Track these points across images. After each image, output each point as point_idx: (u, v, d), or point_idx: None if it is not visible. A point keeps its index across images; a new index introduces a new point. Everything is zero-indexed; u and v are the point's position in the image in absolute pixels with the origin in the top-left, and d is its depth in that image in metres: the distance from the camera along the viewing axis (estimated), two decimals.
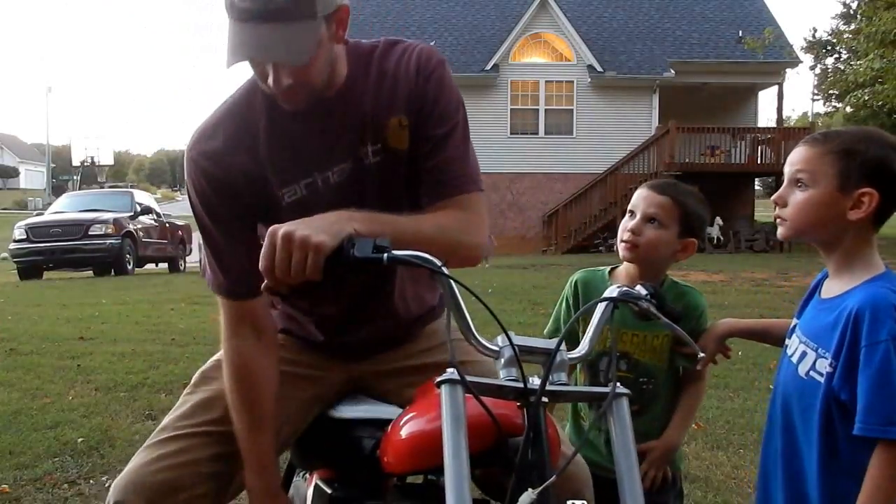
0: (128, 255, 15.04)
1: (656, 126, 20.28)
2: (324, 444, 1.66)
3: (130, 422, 4.21)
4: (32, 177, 69.41)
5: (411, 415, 1.36)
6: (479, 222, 1.52)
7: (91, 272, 15.50)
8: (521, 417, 1.17)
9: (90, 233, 14.67)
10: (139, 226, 15.89)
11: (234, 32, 1.33)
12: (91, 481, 3.29)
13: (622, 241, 1.85)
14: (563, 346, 1.21)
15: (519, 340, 1.21)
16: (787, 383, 1.53)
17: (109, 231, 14.76)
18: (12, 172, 68.35)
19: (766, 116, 31.43)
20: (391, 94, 1.52)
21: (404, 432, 1.34)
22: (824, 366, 1.42)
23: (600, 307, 1.33)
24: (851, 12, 27.10)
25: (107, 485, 3.23)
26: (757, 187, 25.27)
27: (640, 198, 1.86)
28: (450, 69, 1.61)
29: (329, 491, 1.58)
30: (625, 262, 1.91)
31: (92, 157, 40.44)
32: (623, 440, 1.20)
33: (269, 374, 1.55)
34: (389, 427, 1.39)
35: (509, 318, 7.34)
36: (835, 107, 31.46)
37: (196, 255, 17.22)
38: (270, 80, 1.38)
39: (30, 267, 14.82)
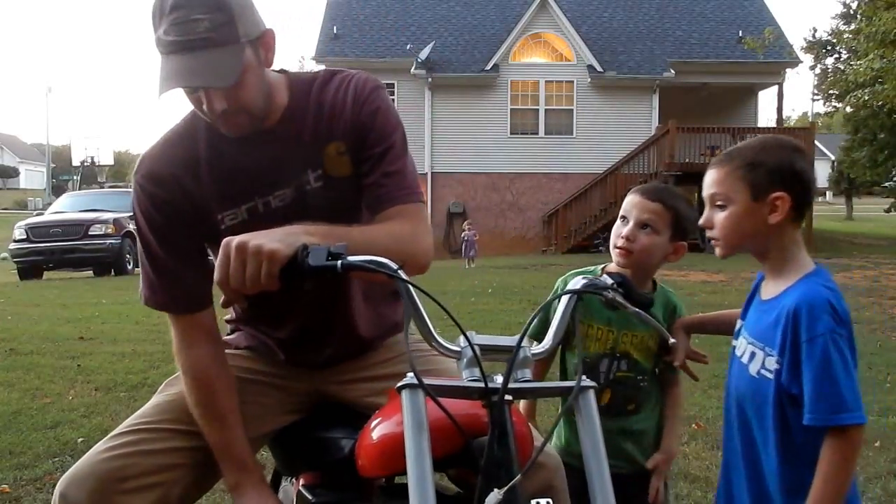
0: (128, 255, 15.02)
1: (656, 126, 20.27)
2: (303, 448, 1.66)
3: None
4: (32, 177, 69.37)
5: (381, 418, 1.36)
6: (423, 231, 1.56)
7: (91, 272, 15.49)
8: (479, 418, 1.17)
9: (90, 233, 14.66)
10: None
11: (163, 65, 1.38)
12: None
13: (616, 247, 1.90)
14: (526, 343, 1.20)
15: (480, 340, 1.20)
16: (739, 383, 1.60)
17: (109, 231, 14.75)
18: (12, 172, 68.30)
19: (766, 116, 31.48)
20: (329, 123, 1.57)
21: (375, 436, 1.33)
22: (772, 363, 1.50)
23: (564, 300, 1.32)
24: (851, 12, 27.06)
25: None
26: None
27: (632, 204, 1.91)
28: (385, 93, 1.64)
29: (311, 497, 1.57)
30: (613, 255, 1.96)
31: (92, 157, 40.41)
32: (591, 432, 1.20)
33: (227, 376, 1.60)
34: (362, 431, 1.39)
35: (509, 318, 7.36)
36: (835, 107, 31.42)
37: None
38: (205, 107, 1.44)
39: (30, 267, 14.82)
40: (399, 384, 1.15)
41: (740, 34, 21.21)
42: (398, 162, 1.58)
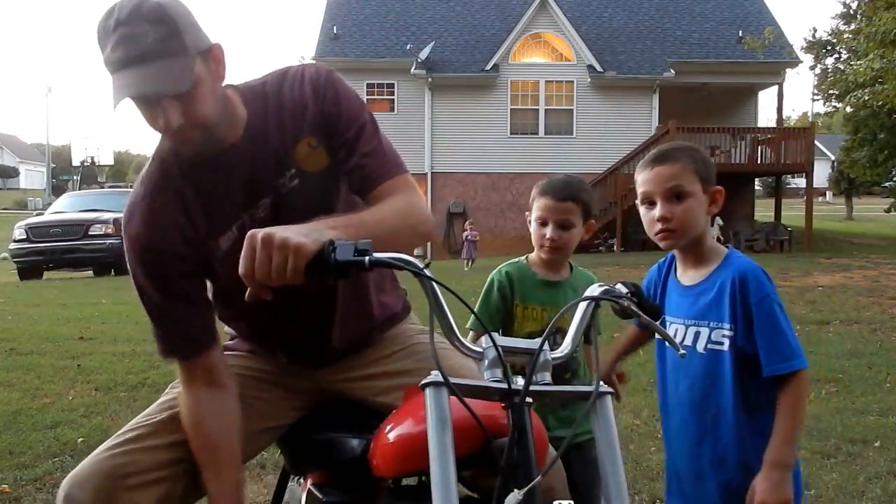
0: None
1: (656, 126, 20.27)
2: (313, 448, 1.66)
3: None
4: (32, 177, 69.34)
5: (397, 418, 1.36)
6: (418, 199, 1.57)
7: (91, 272, 15.49)
8: (507, 418, 1.18)
9: (90, 233, 14.66)
10: None
11: (115, 82, 1.37)
12: None
13: (545, 247, 2.10)
14: (546, 346, 1.22)
15: (503, 341, 1.22)
16: (689, 365, 1.70)
17: (109, 231, 14.74)
18: (12, 172, 68.27)
19: (766, 116, 31.45)
20: (293, 121, 1.57)
21: (392, 436, 1.33)
22: (721, 334, 1.65)
23: (581, 306, 1.35)
24: (851, 12, 27.05)
25: None
26: (757, 187, 25.26)
27: (547, 209, 2.09)
28: (340, 77, 1.63)
29: (321, 496, 1.57)
30: (536, 252, 2.14)
31: (92, 157, 40.39)
32: (607, 437, 1.22)
33: (226, 421, 1.58)
34: (377, 431, 1.39)
35: None
36: (835, 107, 31.40)
37: None
38: (161, 123, 1.40)
39: (30, 267, 14.82)
40: (423, 381, 1.16)
41: (740, 34, 21.21)
42: (373, 140, 1.57)
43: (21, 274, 14.94)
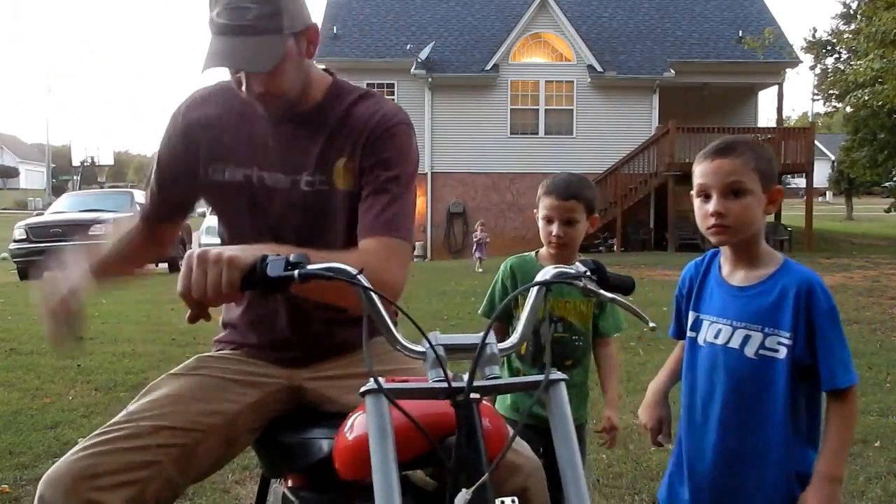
0: None
1: (656, 126, 20.27)
2: (285, 450, 1.64)
3: None
4: (32, 177, 69.30)
5: (354, 420, 1.34)
6: (396, 264, 1.56)
7: None
8: (447, 418, 1.16)
9: (90, 233, 14.64)
10: None
11: (211, 44, 1.50)
12: None
13: (552, 244, 2.21)
14: (492, 339, 1.18)
15: (445, 339, 1.18)
16: (735, 366, 1.64)
17: (109, 231, 14.74)
18: (12, 172, 68.24)
19: (766, 116, 31.44)
20: (348, 135, 1.63)
21: (350, 437, 1.31)
22: (777, 341, 1.59)
23: (533, 291, 1.31)
24: (851, 12, 27.06)
25: None
26: None
27: (552, 208, 2.21)
28: (412, 131, 1.68)
29: (295, 500, 1.55)
30: (545, 247, 2.25)
31: (92, 157, 40.45)
32: (562, 426, 1.18)
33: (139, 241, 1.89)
34: (337, 433, 1.37)
35: None
36: (835, 107, 31.41)
37: None
38: (244, 88, 1.54)
39: (30, 267, 14.81)
40: (362, 389, 1.14)
41: (740, 34, 21.21)
42: (403, 196, 1.60)
43: (21, 274, 14.94)
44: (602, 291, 1.34)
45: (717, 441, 1.67)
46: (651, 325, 1.36)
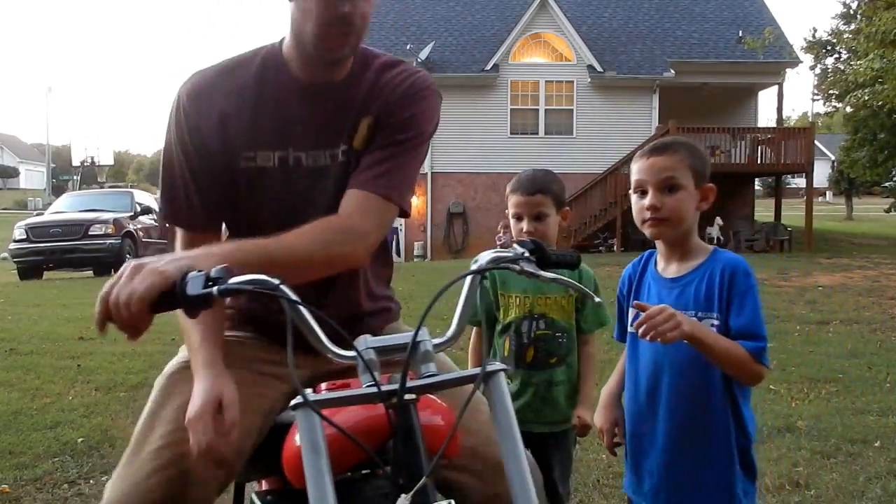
0: (128, 255, 15.02)
1: (656, 126, 20.26)
2: (255, 452, 1.58)
3: (130, 422, 4.20)
4: (32, 177, 69.29)
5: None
6: (367, 229, 1.53)
7: (91, 272, 15.49)
8: (382, 423, 1.14)
9: (90, 233, 14.66)
10: (139, 226, 15.90)
11: None
12: (91, 481, 3.29)
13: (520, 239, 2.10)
14: (425, 336, 1.16)
15: (374, 342, 1.15)
16: (676, 354, 1.72)
17: (109, 231, 14.76)
18: (12, 172, 68.22)
19: (766, 116, 31.44)
20: (375, 101, 1.60)
21: (297, 444, 1.23)
22: (710, 323, 1.69)
23: (466, 281, 1.27)
24: (851, 12, 27.05)
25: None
26: (757, 187, 25.26)
27: (519, 204, 2.23)
28: (438, 101, 1.67)
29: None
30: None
31: (92, 157, 40.44)
32: (503, 418, 1.15)
33: None
34: (286, 437, 1.30)
35: None
36: (835, 107, 31.40)
37: None
38: (346, 7, 1.45)
39: (30, 267, 14.82)
40: (291, 402, 1.10)
41: (740, 34, 21.20)
42: (401, 155, 1.58)
43: (21, 274, 14.94)
44: (542, 272, 1.31)
45: (665, 426, 1.76)
46: (597, 300, 1.37)
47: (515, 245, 1.33)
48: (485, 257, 1.32)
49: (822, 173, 41.92)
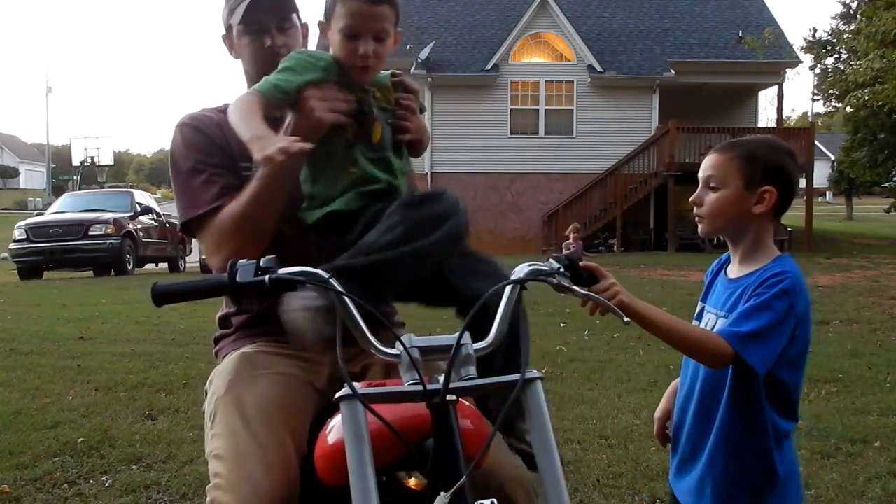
0: (128, 255, 15.03)
1: (656, 126, 20.28)
2: None
3: (130, 422, 4.20)
4: (32, 177, 69.25)
5: (335, 422, 1.30)
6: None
7: (91, 272, 15.50)
8: (423, 421, 1.15)
9: (90, 233, 14.66)
10: (139, 226, 15.90)
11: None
12: (91, 481, 3.29)
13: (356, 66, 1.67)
14: (467, 340, 1.17)
15: (419, 342, 1.17)
16: None
17: (109, 231, 14.76)
18: (12, 172, 68.21)
19: (766, 116, 31.41)
20: None
21: (331, 441, 1.29)
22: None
23: (507, 290, 1.28)
24: (851, 12, 27.07)
25: (107, 485, 3.24)
26: None
27: (359, 13, 1.69)
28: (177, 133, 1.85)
29: None
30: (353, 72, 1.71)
31: (92, 157, 40.40)
32: (539, 424, 1.16)
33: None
34: (318, 436, 1.34)
35: None
36: (835, 107, 31.45)
37: (196, 256, 17.22)
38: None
39: (30, 267, 14.82)
40: (336, 395, 1.13)
41: (740, 34, 21.21)
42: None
43: (21, 274, 14.94)
44: (576, 288, 1.35)
45: (691, 418, 1.76)
46: (625, 320, 1.37)
47: (551, 260, 1.37)
48: (523, 269, 1.33)
49: (822, 173, 41.89)
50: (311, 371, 1.70)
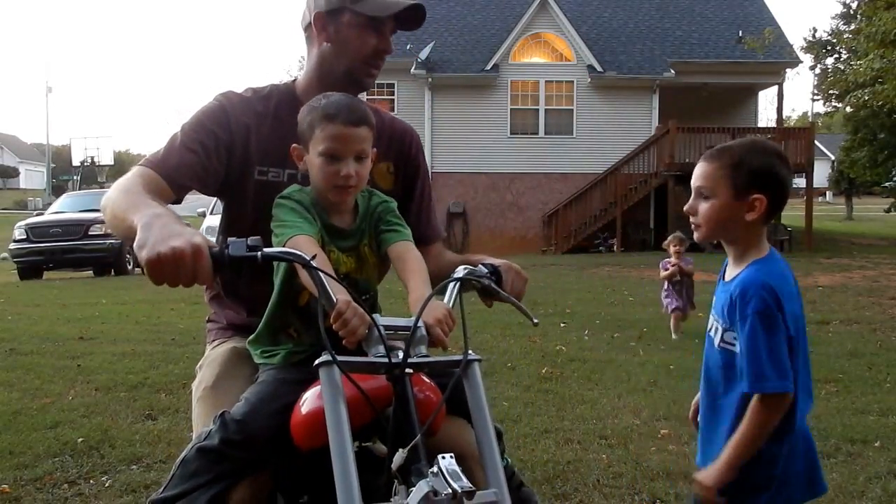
0: (128, 255, 15.03)
1: (656, 126, 20.27)
2: None
3: (130, 422, 4.20)
4: (32, 177, 69.22)
5: (308, 394, 1.47)
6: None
7: (91, 272, 15.50)
8: (386, 391, 1.37)
9: (90, 233, 14.67)
10: None
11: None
12: (91, 481, 3.29)
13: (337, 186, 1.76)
14: (420, 324, 1.38)
15: (384, 321, 1.37)
16: (709, 353, 1.80)
17: (109, 231, 14.75)
18: (12, 172, 68.18)
19: (766, 116, 31.39)
20: (388, 144, 1.91)
21: (305, 410, 1.46)
22: (733, 336, 1.69)
23: (450, 286, 1.55)
24: (851, 12, 27.07)
25: (107, 485, 3.24)
26: None
27: (339, 137, 1.65)
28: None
29: None
30: (329, 192, 1.75)
31: (92, 157, 40.42)
32: (477, 400, 1.38)
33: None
34: (293, 407, 1.49)
35: (509, 318, 7.35)
36: (835, 107, 31.43)
37: None
38: (384, 45, 1.83)
39: (30, 267, 14.82)
40: (316, 362, 1.31)
41: (740, 34, 21.21)
42: (431, 201, 2.03)
43: (21, 274, 14.94)
44: (501, 292, 1.63)
45: (701, 419, 1.85)
46: (535, 321, 1.58)
47: (481, 265, 1.68)
48: (461, 271, 1.60)
49: (822, 173, 41.86)
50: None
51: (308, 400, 1.46)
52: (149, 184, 1.66)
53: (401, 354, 1.34)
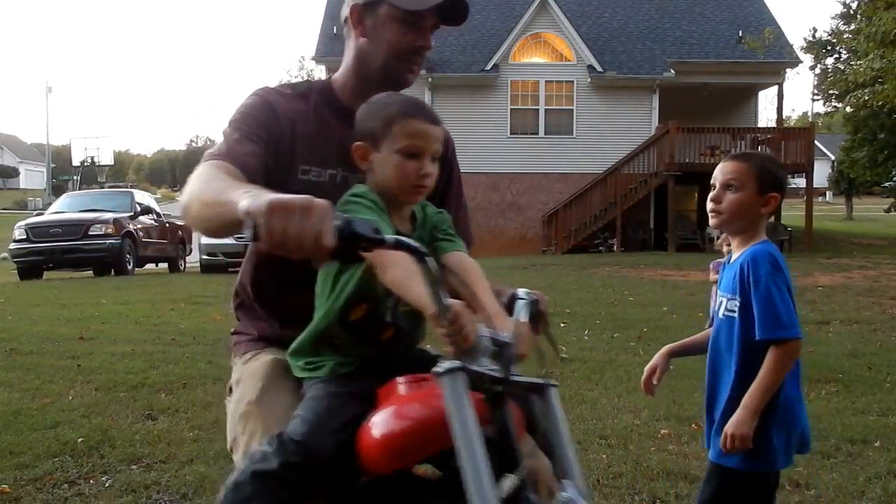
0: (128, 255, 15.03)
1: (656, 126, 20.28)
2: None
3: (130, 422, 4.20)
4: (32, 177, 69.23)
5: (376, 415, 1.38)
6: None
7: (91, 272, 15.49)
8: (483, 410, 1.25)
9: (90, 233, 14.66)
10: (139, 226, 15.89)
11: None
12: (91, 481, 3.29)
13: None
14: (514, 340, 1.31)
15: (487, 332, 1.28)
16: (716, 328, 2.08)
17: (109, 231, 14.75)
18: (12, 172, 68.21)
19: (766, 116, 31.40)
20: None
21: (378, 433, 1.36)
22: (735, 304, 2.00)
23: (521, 305, 1.54)
24: (851, 12, 27.05)
25: (107, 485, 3.24)
26: None
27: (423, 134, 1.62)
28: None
29: None
30: (410, 194, 1.72)
31: (92, 157, 40.46)
32: (556, 423, 1.36)
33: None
34: (361, 428, 1.39)
35: None
36: (835, 107, 31.42)
37: (196, 256, 17.22)
38: (426, 42, 1.75)
39: (30, 267, 14.81)
40: (438, 369, 1.21)
41: (740, 34, 21.22)
42: (464, 207, 1.98)
43: (21, 274, 14.94)
44: (549, 322, 1.60)
45: (706, 386, 2.12)
46: (563, 356, 1.52)
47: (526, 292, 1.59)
48: (525, 293, 1.56)
49: (821, 173, 41.86)
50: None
51: (380, 422, 1.37)
52: (229, 173, 1.52)
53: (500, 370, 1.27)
